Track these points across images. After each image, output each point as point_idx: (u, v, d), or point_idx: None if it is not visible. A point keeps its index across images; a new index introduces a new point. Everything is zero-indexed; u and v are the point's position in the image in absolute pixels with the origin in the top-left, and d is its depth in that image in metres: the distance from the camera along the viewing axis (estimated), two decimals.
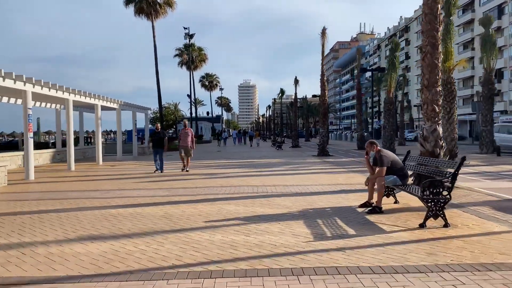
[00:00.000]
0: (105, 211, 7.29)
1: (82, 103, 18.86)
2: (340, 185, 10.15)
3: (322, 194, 8.84)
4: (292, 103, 68.03)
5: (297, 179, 11.59)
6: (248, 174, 13.36)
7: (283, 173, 13.38)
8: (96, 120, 19.16)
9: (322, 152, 22.40)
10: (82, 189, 10.36)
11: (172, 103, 69.76)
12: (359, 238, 5.15)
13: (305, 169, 14.92)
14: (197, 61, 55.69)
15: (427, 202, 5.65)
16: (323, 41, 21.93)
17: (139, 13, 35.12)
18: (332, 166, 16.09)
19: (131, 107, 23.94)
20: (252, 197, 8.47)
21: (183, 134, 14.30)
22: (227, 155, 25.21)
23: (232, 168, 15.50)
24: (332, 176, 12.37)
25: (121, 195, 9.18)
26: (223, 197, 8.63)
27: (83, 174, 14.30)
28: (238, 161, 19.30)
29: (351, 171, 13.72)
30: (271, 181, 11.13)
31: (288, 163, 17.97)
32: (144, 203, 8.08)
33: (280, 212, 6.82)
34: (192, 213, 6.95)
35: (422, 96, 9.73)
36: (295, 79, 35.46)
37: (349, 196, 8.42)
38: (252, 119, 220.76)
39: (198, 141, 50.54)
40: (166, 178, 12.52)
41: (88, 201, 8.38)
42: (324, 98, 22.56)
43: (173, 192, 9.52)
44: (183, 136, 14.25)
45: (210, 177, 12.50)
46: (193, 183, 11.03)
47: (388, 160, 6.83)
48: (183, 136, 14.27)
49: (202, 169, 15.47)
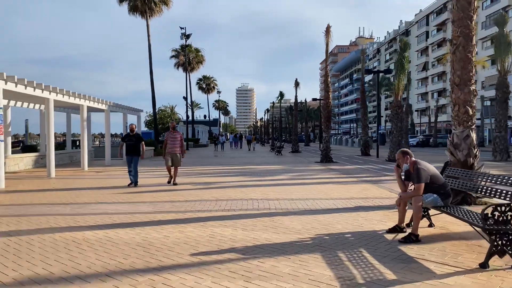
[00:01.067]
0: (69, 234, 5.80)
1: (66, 104, 17.39)
2: (355, 200, 8.69)
3: (336, 211, 7.38)
4: (291, 107, 66.70)
5: (303, 191, 10.12)
6: (247, 183, 11.89)
7: (286, 183, 11.92)
8: (81, 122, 17.67)
9: (326, 158, 20.97)
10: (54, 201, 8.85)
11: (168, 106, 68.62)
12: (404, 286, 3.69)
13: (310, 178, 13.45)
14: (194, 62, 54.25)
15: (491, 234, 4.20)
16: (327, 39, 20.56)
17: (133, 11, 33.64)
18: (339, 174, 14.63)
19: (121, 109, 22.47)
20: (253, 216, 6.99)
21: (170, 138, 11.68)
22: (224, 160, 23.74)
23: (229, 176, 14.03)
24: (342, 187, 10.91)
25: (96, 210, 7.69)
26: (217, 215, 7.15)
27: (61, 182, 12.78)
28: (236, 168, 17.83)
29: (362, 181, 12.27)
30: (274, 193, 9.66)
31: (290, 170, 16.51)
32: (120, 222, 6.59)
33: (288, 240, 5.35)
34: (177, 239, 5.47)
35: (452, 96, 8.32)
36: (295, 81, 34.06)
37: (370, 216, 6.96)
38: (250, 123, 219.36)
39: (195, 145, 49.06)
40: (153, 189, 11.01)
41: (54, 219, 6.89)
42: (328, 101, 21.14)
43: (159, 207, 8.03)
44: (170, 141, 11.66)
45: (204, 188, 11.01)
46: (184, 196, 9.54)
47: (427, 175, 5.38)
48: (170, 140, 11.66)
49: (195, 177, 13.98)
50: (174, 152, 11.60)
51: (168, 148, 11.65)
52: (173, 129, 11.75)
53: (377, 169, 16.98)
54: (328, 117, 21.12)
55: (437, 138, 47.54)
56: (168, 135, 11.79)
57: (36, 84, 13.28)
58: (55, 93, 14.75)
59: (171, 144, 11.66)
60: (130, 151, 11.39)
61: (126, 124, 23.73)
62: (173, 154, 11.58)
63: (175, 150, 11.62)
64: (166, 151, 11.67)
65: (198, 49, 55.41)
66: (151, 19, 33.87)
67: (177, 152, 11.63)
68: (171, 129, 11.79)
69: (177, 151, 11.64)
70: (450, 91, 8.39)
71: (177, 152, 11.64)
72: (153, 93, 32.91)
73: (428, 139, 48.57)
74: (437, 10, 73.92)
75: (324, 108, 21.06)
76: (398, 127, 20.94)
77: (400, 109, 20.98)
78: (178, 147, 11.68)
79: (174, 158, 11.57)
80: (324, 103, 21.27)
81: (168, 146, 11.66)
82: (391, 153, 21.24)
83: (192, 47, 54.07)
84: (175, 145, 11.65)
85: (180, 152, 11.73)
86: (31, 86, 13.03)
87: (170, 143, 11.67)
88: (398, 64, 20.59)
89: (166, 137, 11.82)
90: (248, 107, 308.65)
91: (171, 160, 11.58)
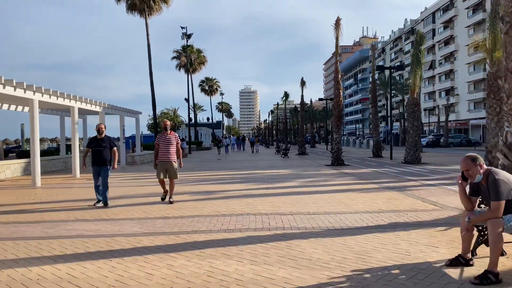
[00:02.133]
0: (21, 271, 4.36)
1: (55, 105, 16.02)
2: (385, 214, 7.19)
3: (368, 231, 5.89)
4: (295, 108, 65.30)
5: (320, 202, 8.64)
6: (253, 192, 10.41)
7: (299, 191, 10.42)
8: (72, 125, 16.29)
9: (337, 161, 19.46)
10: (25, 219, 7.42)
11: (171, 109, 67.46)
12: None
13: (324, 185, 11.95)
14: (196, 63, 52.88)
15: None
16: (337, 33, 19.04)
17: (131, 10, 32.34)
18: (355, 180, 13.12)
19: (118, 111, 21.09)
20: (264, 239, 5.52)
21: (163, 142, 8.80)
22: (228, 164, 22.28)
23: (233, 183, 12.56)
24: (365, 196, 9.41)
25: (70, 232, 6.25)
26: (219, 238, 5.68)
27: (46, 193, 11.36)
28: (240, 173, 16.35)
29: (384, 188, 10.75)
30: (286, 205, 8.19)
31: (300, 175, 15.01)
32: (94, 251, 5.14)
33: (315, 282, 3.87)
34: (163, 279, 4.01)
35: (504, 86, 6.83)
36: (301, 80, 32.56)
37: (413, 237, 5.46)
38: (253, 125, 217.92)
39: (197, 148, 47.66)
40: (146, 200, 9.53)
41: (13, 246, 5.45)
42: (338, 99, 19.63)
43: (148, 226, 6.57)
44: (164, 145, 8.78)
45: (204, 198, 9.54)
46: (180, 209, 8.07)
47: (509, 189, 3.88)
48: (163, 144, 8.79)
49: (195, 184, 12.53)
50: (169, 160, 8.77)
51: (160, 155, 8.80)
52: (166, 130, 8.83)
53: (396, 172, 15.46)
54: (339, 116, 19.61)
55: (448, 138, 45.81)
56: (160, 137, 8.88)
57: (17, 83, 11.89)
58: (40, 94, 13.36)
59: (164, 150, 8.79)
60: (98, 160, 8.63)
61: (123, 127, 22.35)
62: (168, 163, 8.77)
63: (170, 157, 8.78)
64: (157, 159, 8.86)
65: (200, 49, 54.10)
66: (150, 17, 32.61)
67: (173, 160, 8.82)
68: (163, 129, 8.87)
69: (172, 158, 8.80)
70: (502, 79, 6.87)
71: (173, 160, 8.83)
72: (153, 94, 31.57)
73: (439, 139, 46.90)
74: (443, 7, 72.22)
75: (335, 106, 19.56)
76: (414, 126, 19.39)
77: (417, 106, 19.43)
78: (174, 154, 8.86)
79: (169, 168, 8.78)
80: (334, 101, 19.78)
81: (161, 152, 8.80)
82: (408, 154, 19.70)
83: (193, 48, 52.76)
84: (169, 150, 8.79)
85: (177, 159, 8.97)
86: (10, 85, 11.64)
87: (163, 149, 8.79)
88: (414, 58, 19.06)
89: (157, 140, 8.90)
90: (252, 109, 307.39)
91: (165, 172, 8.80)
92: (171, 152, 8.84)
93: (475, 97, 63.28)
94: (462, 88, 67.04)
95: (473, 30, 63.50)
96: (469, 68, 65.13)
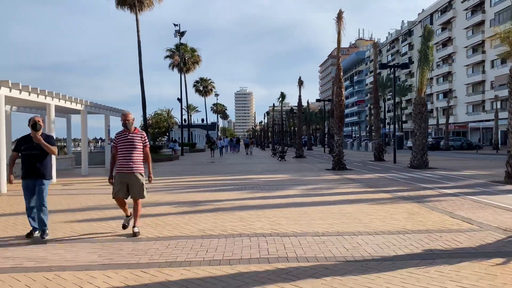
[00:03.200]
0: None
1: (29, 102, 14.44)
2: (413, 236, 5.72)
3: (398, 264, 4.42)
4: (291, 109, 63.93)
5: (328, 216, 7.16)
6: (248, 203, 8.92)
7: (301, 202, 8.94)
8: (48, 124, 14.67)
9: (338, 165, 18.02)
10: None
11: (165, 110, 65.70)
12: None
13: (328, 194, 10.48)
14: (190, 63, 51.24)
15: None
16: (339, 27, 17.60)
17: (121, 5, 30.72)
18: (362, 188, 11.66)
19: (102, 110, 19.51)
20: (260, 279, 4.02)
21: (123, 144, 5.91)
22: (220, 168, 20.76)
23: (225, 191, 11.06)
24: (380, 209, 7.94)
25: (5, 262, 4.73)
26: (199, 275, 4.18)
27: (7, 202, 9.78)
28: (234, 178, 14.84)
29: (399, 199, 9.30)
30: (288, 222, 6.71)
31: (300, 181, 13.54)
32: None
33: None
34: None
35: None
36: (299, 80, 31.08)
37: (465, 276, 3.99)
38: (249, 127, 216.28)
39: (191, 150, 46.05)
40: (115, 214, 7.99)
41: None
42: (340, 98, 18.17)
43: (109, 253, 5.05)
44: (124, 149, 5.90)
45: (189, 211, 8.03)
46: (157, 227, 6.56)
47: None
48: (122, 148, 5.91)
49: (182, 191, 11.01)
50: (131, 171, 5.85)
51: (119, 164, 5.90)
52: (126, 127, 5.95)
53: (405, 178, 14.04)
54: (341, 117, 18.16)
55: (449, 141, 44.58)
56: (119, 138, 5.96)
57: None
58: (7, 88, 11.79)
59: (124, 156, 5.86)
60: (31, 170, 5.79)
61: (109, 128, 20.77)
62: (130, 176, 5.86)
63: (134, 167, 5.87)
64: (113, 167, 6.08)
65: (194, 48, 52.50)
66: (141, 13, 30.99)
67: (138, 172, 5.91)
68: (123, 127, 6.00)
69: (137, 169, 5.90)
70: None
71: (138, 171, 5.91)
72: (142, 92, 29.97)
73: (439, 142, 45.65)
74: (441, 8, 71.28)
75: (336, 106, 18.11)
76: (422, 128, 17.96)
77: (424, 107, 18.01)
78: (140, 162, 5.98)
79: (133, 183, 5.87)
80: (336, 100, 18.33)
81: (120, 159, 5.90)
82: (414, 158, 18.30)
83: (187, 47, 51.19)
84: (132, 157, 5.87)
85: (144, 170, 6.03)
86: None
87: (123, 154, 5.88)
88: (422, 55, 17.67)
89: (114, 141, 6.04)
90: (247, 111, 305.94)
91: (126, 189, 5.90)
92: (135, 159, 5.90)
93: (474, 99, 62.25)
94: (460, 90, 66.06)
95: (472, 31, 62.54)
96: (467, 70, 64.17)
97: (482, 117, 59.50)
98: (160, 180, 14.14)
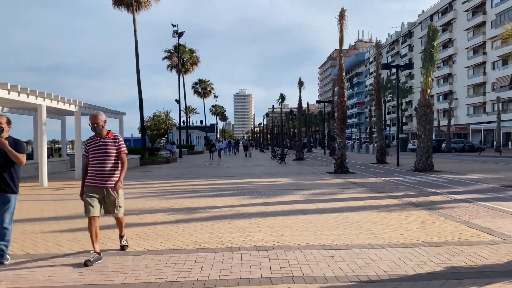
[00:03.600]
0: None
1: (17, 103, 13.88)
2: (431, 249, 5.16)
3: (421, 285, 3.86)
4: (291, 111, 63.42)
5: (334, 226, 6.60)
6: (248, 210, 8.36)
7: (304, 209, 8.37)
8: (39, 125, 14.15)
9: (340, 168, 17.46)
10: None
11: (163, 111, 65.14)
12: None
13: (332, 199, 9.92)
14: (188, 64, 50.68)
15: None
16: (341, 26, 17.09)
17: (118, 5, 30.19)
18: (368, 193, 11.10)
19: (96, 111, 18.91)
20: None
21: (94, 152, 4.90)
22: (219, 171, 20.19)
23: (223, 196, 10.49)
24: (389, 217, 7.38)
25: None
26: None
27: None
28: (232, 182, 14.27)
29: (408, 205, 8.74)
30: (291, 232, 6.14)
31: (302, 185, 12.97)
32: None
33: None
34: None
35: None
36: (299, 81, 30.55)
37: None
38: (248, 129, 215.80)
39: (189, 152, 45.47)
40: (105, 222, 7.43)
41: None
42: (342, 99, 17.64)
43: (92, 271, 4.48)
44: (95, 157, 4.90)
45: (183, 219, 7.46)
46: (147, 238, 5.99)
47: None
48: (93, 156, 4.91)
49: (177, 197, 10.43)
50: (104, 185, 4.88)
51: (90, 175, 4.93)
52: (96, 132, 4.94)
53: (411, 182, 13.48)
54: (343, 119, 17.61)
55: (451, 143, 44.04)
56: (90, 144, 4.98)
57: None
58: None
59: (96, 166, 4.90)
60: None
61: None
62: (102, 189, 4.89)
63: (107, 179, 4.89)
64: (85, 182, 4.97)
65: (192, 49, 51.96)
66: (138, 13, 30.47)
67: (111, 185, 4.89)
68: (93, 131, 4.96)
69: (111, 182, 4.89)
70: None
71: (109, 184, 4.89)
72: (140, 94, 29.41)
73: (440, 144, 45.08)
74: (441, 10, 70.89)
75: (338, 108, 17.57)
76: (426, 130, 17.41)
77: (429, 108, 17.46)
78: (115, 172, 4.95)
79: (106, 198, 4.91)
80: (338, 102, 17.79)
81: (91, 170, 4.94)
82: (419, 161, 17.75)
83: (186, 48, 50.65)
84: (105, 167, 4.88)
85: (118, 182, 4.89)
86: None
87: (95, 164, 4.91)
88: (427, 54, 17.16)
89: (87, 147, 5.00)
90: (246, 112, 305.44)
91: (99, 205, 4.90)
92: (109, 170, 4.89)
93: (475, 101, 61.80)
94: (461, 92, 65.62)
95: (472, 33, 62.13)
96: (468, 72, 63.72)
97: (483, 119, 59.02)
98: (156, 184, 13.58)
